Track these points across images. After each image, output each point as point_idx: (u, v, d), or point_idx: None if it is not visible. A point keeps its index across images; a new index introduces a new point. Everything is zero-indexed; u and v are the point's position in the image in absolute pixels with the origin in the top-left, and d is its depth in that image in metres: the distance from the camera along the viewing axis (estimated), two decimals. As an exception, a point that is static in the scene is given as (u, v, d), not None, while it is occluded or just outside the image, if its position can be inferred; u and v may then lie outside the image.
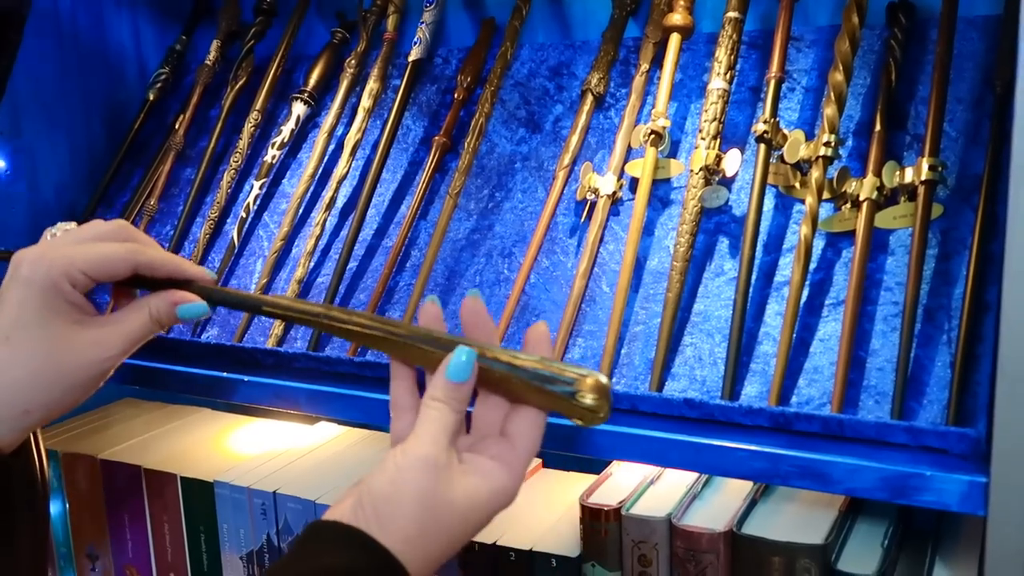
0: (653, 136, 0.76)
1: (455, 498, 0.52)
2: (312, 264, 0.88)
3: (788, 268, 0.71)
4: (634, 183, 0.78)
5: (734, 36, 0.75)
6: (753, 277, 0.69)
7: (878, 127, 0.71)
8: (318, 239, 0.87)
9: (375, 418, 0.70)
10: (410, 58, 0.92)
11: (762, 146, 0.70)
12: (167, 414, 1.11)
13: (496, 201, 0.86)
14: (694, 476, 0.79)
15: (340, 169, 0.89)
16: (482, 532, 0.55)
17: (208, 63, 1.04)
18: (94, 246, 0.58)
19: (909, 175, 0.68)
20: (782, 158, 0.72)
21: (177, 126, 1.02)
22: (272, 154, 0.94)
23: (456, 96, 0.90)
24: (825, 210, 0.71)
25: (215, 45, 1.04)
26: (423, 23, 0.92)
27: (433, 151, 0.88)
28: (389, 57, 0.93)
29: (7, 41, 0.92)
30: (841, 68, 0.70)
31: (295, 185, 0.93)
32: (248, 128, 0.97)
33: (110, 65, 1.11)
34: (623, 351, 0.72)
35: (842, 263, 0.70)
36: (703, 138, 0.74)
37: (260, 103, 0.97)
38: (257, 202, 0.94)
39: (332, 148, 0.93)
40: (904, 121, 0.73)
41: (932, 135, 0.68)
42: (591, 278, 0.77)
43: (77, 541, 1.00)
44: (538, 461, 0.94)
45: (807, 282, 0.69)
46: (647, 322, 0.73)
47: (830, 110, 0.70)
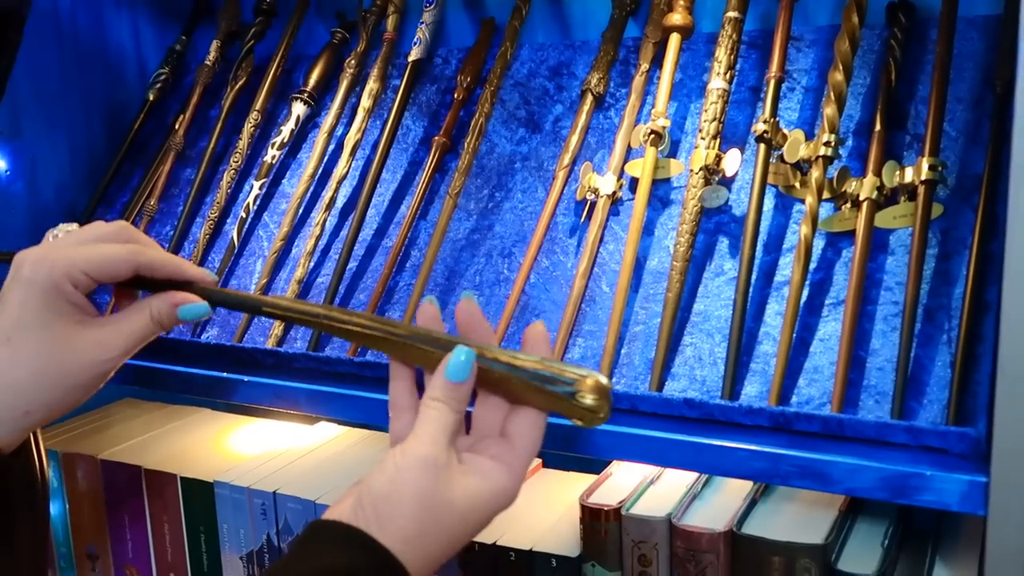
0: (653, 136, 0.76)
1: (455, 498, 0.52)
2: (312, 264, 0.88)
3: (788, 268, 0.71)
4: (634, 183, 0.78)
5: (734, 36, 0.75)
6: (753, 277, 0.69)
7: (878, 127, 0.71)
8: (318, 239, 0.87)
9: (375, 418, 0.70)
10: (410, 58, 0.92)
11: (762, 146, 0.70)
12: (167, 414, 1.11)
13: (496, 201, 0.86)
14: (694, 476, 0.79)
15: (340, 169, 0.89)
16: (482, 532, 0.55)
17: (208, 63, 1.04)
18: (96, 247, 0.59)
19: (909, 175, 0.68)
20: (782, 158, 0.72)
21: (177, 126, 1.02)
22: (272, 154, 0.94)
23: (456, 96, 0.90)
24: (825, 210, 0.71)
25: (215, 45, 1.04)
26: (423, 23, 0.92)
27: (433, 151, 0.88)
28: (389, 57, 0.93)
29: (7, 41, 0.92)
30: (841, 68, 0.70)
31: (295, 185, 0.93)
32: (248, 128, 0.97)
33: (110, 65, 1.11)
34: (623, 351, 0.72)
35: (842, 263, 0.70)
36: (703, 138, 0.74)
37: (260, 103, 0.97)
38: (257, 202, 0.94)
39: (332, 148, 0.93)
40: (904, 121, 0.73)
41: (932, 135, 0.68)
42: (591, 278, 0.77)
43: (77, 541, 1.00)
44: (538, 461, 0.94)
45: (807, 282, 0.69)
46: (647, 322, 0.73)
47: (830, 110, 0.70)
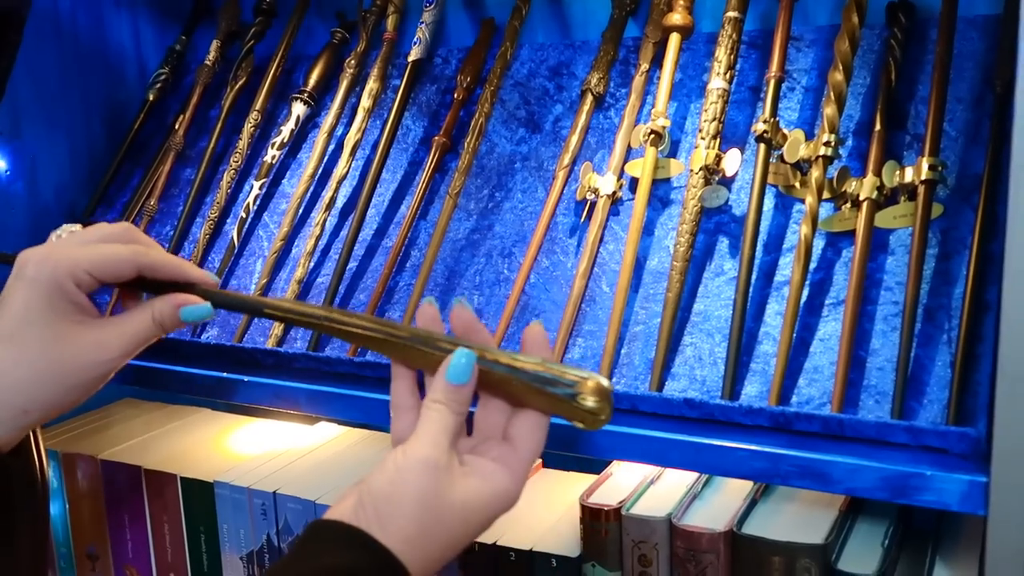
0: (653, 136, 0.76)
1: (456, 499, 0.52)
2: (312, 264, 0.88)
3: (788, 268, 0.71)
4: (634, 183, 0.78)
5: (734, 36, 0.75)
6: (753, 277, 0.69)
7: (878, 127, 0.71)
8: (318, 239, 0.87)
9: (375, 418, 0.70)
10: (410, 58, 0.92)
11: (762, 146, 0.70)
12: (167, 414, 1.11)
13: (496, 201, 0.86)
14: (694, 476, 0.79)
15: (340, 169, 0.89)
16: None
17: (208, 63, 1.04)
18: (99, 247, 0.59)
19: (909, 175, 0.68)
20: (782, 158, 0.72)
21: (177, 126, 1.02)
22: (272, 154, 0.94)
23: (456, 96, 0.90)
24: (825, 210, 0.71)
25: (215, 45, 1.04)
26: (423, 23, 0.92)
27: (433, 151, 0.88)
28: (389, 57, 0.93)
29: (7, 41, 0.92)
30: (841, 68, 0.70)
31: (295, 185, 0.93)
32: (248, 128, 0.97)
33: (110, 65, 1.11)
34: (623, 351, 0.72)
35: (842, 263, 0.70)
36: (703, 138, 0.74)
37: (260, 103, 0.97)
38: (257, 202, 0.94)
39: (332, 148, 0.93)
40: (904, 121, 0.73)
41: (932, 135, 0.68)
42: (591, 278, 0.76)
43: (77, 541, 1.00)
44: (538, 461, 0.94)
45: (807, 282, 0.69)
46: (647, 322, 0.73)
47: (830, 110, 0.70)
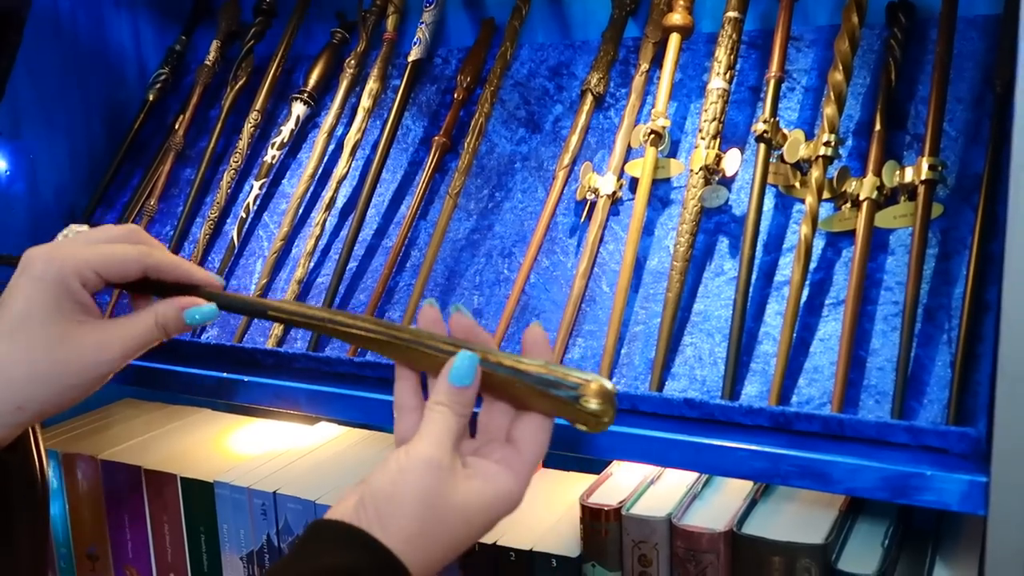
0: (653, 136, 0.76)
1: (458, 500, 0.52)
2: (312, 264, 0.88)
3: (788, 268, 0.71)
4: (634, 183, 0.78)
5: (734, 36, 0.75)
6: (753, 277, 0.69)
7: (878, 127, 0.71)
8: (318, 239, 0.87)
9: (375, 418, 0.70)
10: (410, 58, 0.92)
11: (762, 146, 0.70)
12: (167, 414, 1.11)
13: (496, 201, 0.86)
14: (694, 476, 0.79)
15: (340, 169, 0.89)
16: (482, 533, 0.55)
17: (208, 63, 1.04)
18: (106, 247, 0.59)
19: (909, 175, 0.68)
20: (782, 158, 0.72)
21: (177, 126, 1.02)
22: (272, 154, 0.94)
23: (456, 96, 0.90)
24: (825, 210, 0.71)
25: (215, 45, 1.04)
26: (423, 23, 0.92)
27: (433, 151, 0.88)
28: (389, 57, 0.93)
29: (7, 42, 0.92)
30: (841, 68, 0.70)
31: (295, 185, 0.93)
32: (248, 128, 0.97)
33: (110, 65, 1.11)
34: (623, 351, 0.72)
35: (842, 263, 0.70)
36: (703, 138, 0.74)
37: (260, 103, 0.97)
38: (257, 202, 0.94)
39: (332, 148, 0.93)
40: (904, 121, 0.73)
41: (932, 135, 0.68)
42: (591, 278, 0.76)
43: (77, 541, 1.00)
44: (538, 461, 0.94)
45: (807, 282, 0.69)
46: (647, 322, 0.73)
47: (830, 110, 0.70)
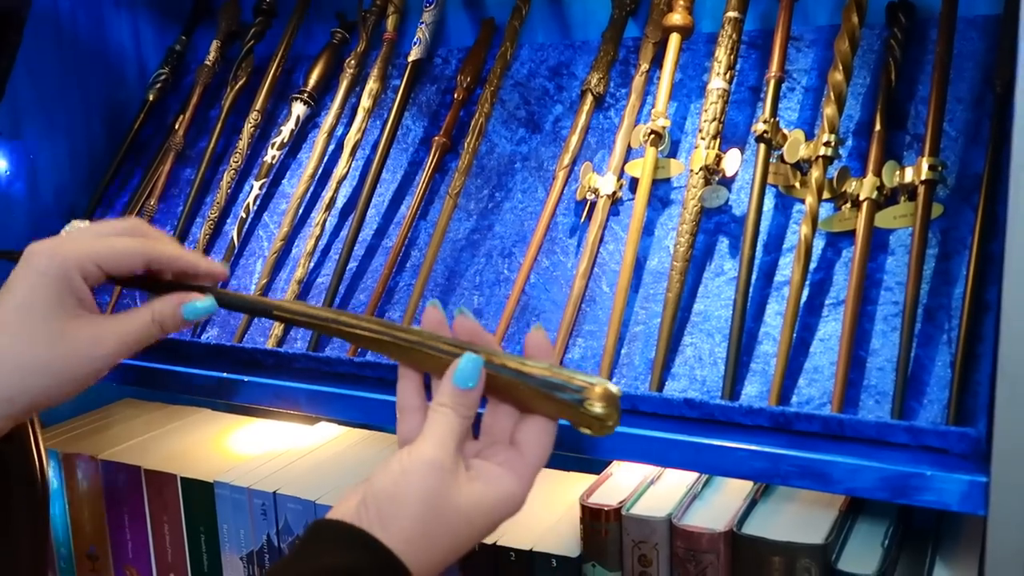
0: (653, 136, 0.76)
1: (460, 502, 0.52)
2: (312, 264, 0.88)
3: (788, 268, 0.71)
4: (634, 183, 0.78)
5: (734, 36, 0.75)
6: (753, 277, 0.69)
7: (878, 127, 0.71)
8: (318, 239, 0.87)
9: (375, 418, 0.70)
10: (410, 58, 0.92)
11: (762, 146, 0.70)
12: (167, 414, 1.11)
13: (496, 201, 0.86)
14: (694, 476, 0.79)
15: (340, 169, 0.89)
16: (482, 533, 0.55)
17: (208, 63, 1.04)
18: (109, 239, 0.59)
19: (909, 175, 0.68)
20: (782, 158, 0.72)
21: (177, 126, 1.02)
22: (272, 154, 0.94)
23: (456, 96, 0.90)
24: (825, 210, 0.71)
25: (215, 45, 1.04)
26: (423, 23, 0.92)
27: (433, 151, 0.88)
28: (389, 57, 0.93)
29: (7, 42, 0.92)
30: (841, 68, 0.70)
31: (295, 185, 0.93)
32: (248, 128, 0.97)
33: (110, 65, 1.11)
34: (623, 351, 0.72)
35: (842, 263, 0.70)
36: (703, 138, 0.74)
37: (260, 103, 0.97)
38: (257, 202, 0.94)
39: (332, 148, 0.93)
40: (904, 121, 0.73)
41: (932, 135, 0.68)
42: (591, 278, 0.76)
43: (77, 541, 1.00)
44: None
45: (807, 282, 0.69)
46: (647, 322, 0.73)
47: (830, 110, 0.70)
